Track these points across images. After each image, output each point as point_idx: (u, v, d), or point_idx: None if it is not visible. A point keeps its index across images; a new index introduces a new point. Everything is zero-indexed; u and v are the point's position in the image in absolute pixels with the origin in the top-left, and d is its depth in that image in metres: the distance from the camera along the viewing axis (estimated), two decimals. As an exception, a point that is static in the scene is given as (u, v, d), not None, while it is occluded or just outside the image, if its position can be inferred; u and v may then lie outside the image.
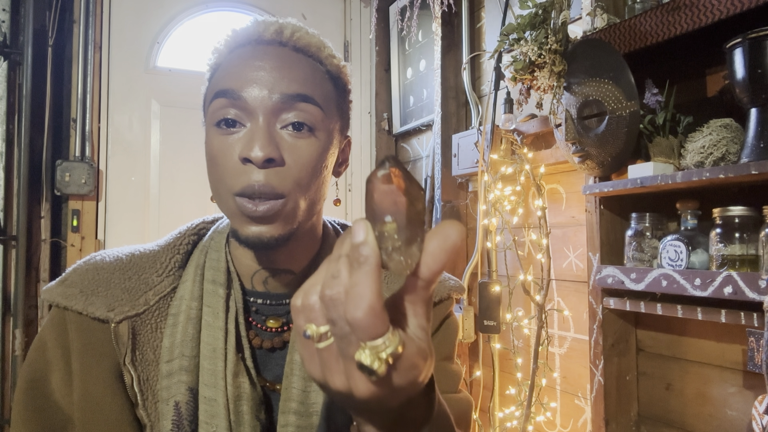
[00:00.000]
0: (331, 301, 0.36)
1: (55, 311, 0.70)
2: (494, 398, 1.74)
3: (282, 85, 0.64)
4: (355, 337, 0.35)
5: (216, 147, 0.66)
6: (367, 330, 0.34)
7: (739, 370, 1.14)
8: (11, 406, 1.97)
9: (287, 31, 0.68)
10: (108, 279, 0.70)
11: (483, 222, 1.74)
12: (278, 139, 0.64)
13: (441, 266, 0.36)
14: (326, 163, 0.69)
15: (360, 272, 0.35)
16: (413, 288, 0.37)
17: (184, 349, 0.68)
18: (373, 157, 2.60)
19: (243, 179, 0.63)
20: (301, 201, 0.66)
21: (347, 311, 0.35)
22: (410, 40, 2.40)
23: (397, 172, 0.36)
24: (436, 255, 0.36)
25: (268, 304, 0.73)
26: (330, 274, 0.37)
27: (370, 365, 0.34)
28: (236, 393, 0.67)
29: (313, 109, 0.66)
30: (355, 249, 0.35)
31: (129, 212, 2.26)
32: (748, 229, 1.00)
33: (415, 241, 0.36)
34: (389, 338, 0.35)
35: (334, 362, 0.38)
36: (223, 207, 0.68)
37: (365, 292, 0.34)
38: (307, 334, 0.38)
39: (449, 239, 0.36)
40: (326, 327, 0.37)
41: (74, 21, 2.17)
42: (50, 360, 0.68)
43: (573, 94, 1.27)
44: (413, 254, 0.36)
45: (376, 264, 0.35)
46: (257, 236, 0.64)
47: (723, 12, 1.00)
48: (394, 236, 0.36)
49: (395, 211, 0.36)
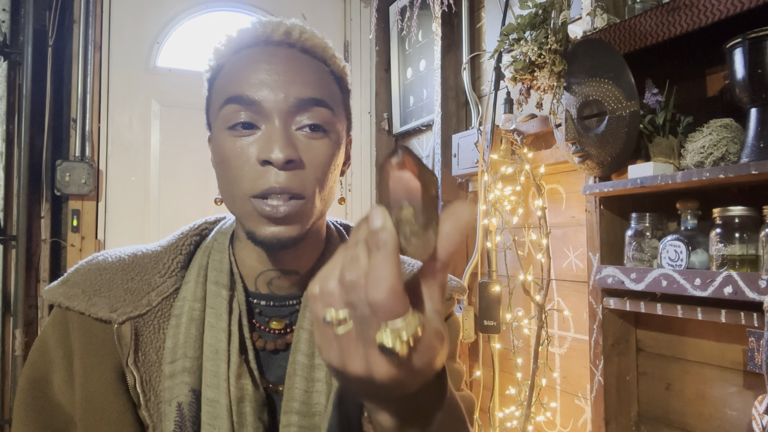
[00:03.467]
0: (351, 284, 0.36)
1: (56, 311, 0.70)
2: (494, 398, 1.74)
3: (296, 89, 0.65)
4: (375, 320, 0.36)
5: (229, 149, 0.66)
6: (389, 310, 0.35)
7: (739, 370, 1.14)
8: (11, 406, 1.97)
9: (295, 32, 0.69)
10: (110, 279, 0.70)
11: (483, 222, 1.74)
12: (295, 141, 0.65)
13: (456, 246, 0.37)
14: (338, 162, 0.70)
15: (379, 255, 0.35)
16: (431, 271, 0.38)
17: (187, 350, 0.68)
18: (373, 157, 2.60)
19: (262, 181, 0.63)
20: (318, 201, 0.67)
21: (368, 293, 0.35)
22: (410, 40, 2.40)
23: (410, 159, 0.37)
24: (450, 236, 0.37)
25: (272, 306, 0.73)
26: (348, 258, 0.37)
27: (392, 346, 0.35)
28: (239, 394, 0.67)
29: (326, 112, 0.66)
30: (374, 234, 0.36)
31: (129, 212, 2.26)
32: (748, 229, 1.00)
33: (430, 225, 0.37)
34: (409, 319, 0.36)
35: (353, 347, 0.38)
36: (236, 209, 0.68)
37: (385, 273, 0.35)
38: (326, 320, 0.38)
39: (462, 219, 0.37)
40: (345, 312, 0.38)
41: (74, 21, 2.17)
42: (52, 360, 0.68)
43: (573, 94, 1.27)
44: (430, 238, 0.37)
45: (395, 247, 0.36)
46: (276, 237, 0.64)
47: (723, 12, 1.00)
48: (411, 221, 0.37)
49: (410, 197, 0.37)
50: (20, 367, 1.98)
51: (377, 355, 0.37)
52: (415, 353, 0.37)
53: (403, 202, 0.37)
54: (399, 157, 0.37)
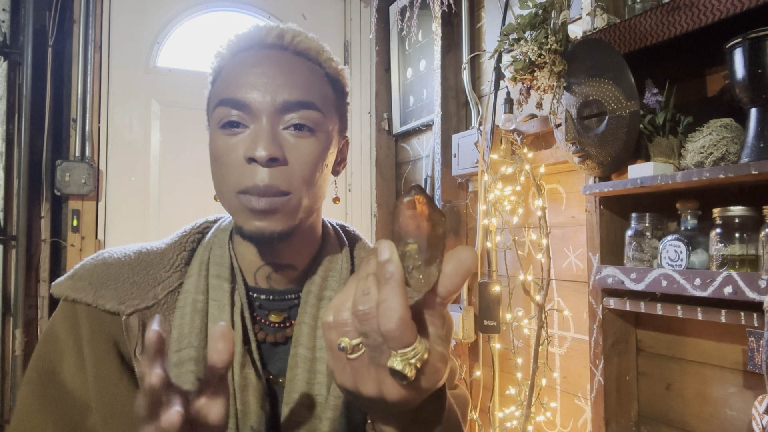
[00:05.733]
0: (364, 315, 0.40)
1: (64, 304, 0.72)
2: (494, 398, 1.74)
3: (284, 92, 0.67)
4: (386, 347, 0.39)
5: (220, 147, 0.69)
6: (399, 339, 0.38)
7: (739, 370, 1.14)
8: (11, 406, 1.97)
9: (288, 35, 0.71)
10: (117, 274, 0.73)
11: (483, 222, 1.74)
12: (281, 140, 0.67)
13: (456, 287, 0.40)
14: (326, 162, 0.72)
15: (387, 288, 0.39)
16: (431, 303, 0.41)
17: (192, 340, 0.70)
18: (373, 157, 2.60)
19: (247, 178, 0.66)
20: (304, 198, 0.69)
21: (380, 324, 0.39)
22: (410, 40, 2.40)
23: (422, 200, 0.41)
24: (451, 277, 0.40)
25: (271, 300, 0.76)
26: (360, 291, 0.41)
27: (402, 370, 0.39)
28: (243, 383, 0.69)
29: (314, 114, 0.69)
30: (381, 266, 0.39)
31: (129, 212, 2.26)
32: (748, 229, 1.00)
33: (434, 261, 0.40)
34: (417, 346, 0.39)
35: (365, 371, 0.42)
36: (226, 204, 0.70)
37: (395, 305, 0.38)
38: (341, 347, 0.41)
39: (464, 264, 0.40)
40: (358, 339, 0.41)
41: (74, 21, 2.17)
42: (63, 351, 0.70)
43: (573, 94, 1.27)
44: (432, 274, 0.40)
45: (402, 280, 0.39)
46: (260, 230, 0.67)
47: (723, 12, 1.00)
48: (414, 256, 0.40)
49: (417, 234, 0.40)
50: (20, 367, 1.98)
51: (388, 377, 0.40)
52: (422, 375, 0.40)
53: (409, 238, 0.40)
54: (411, 196, 0.40)
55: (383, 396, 0.41)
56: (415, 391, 0.41)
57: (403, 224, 0.41)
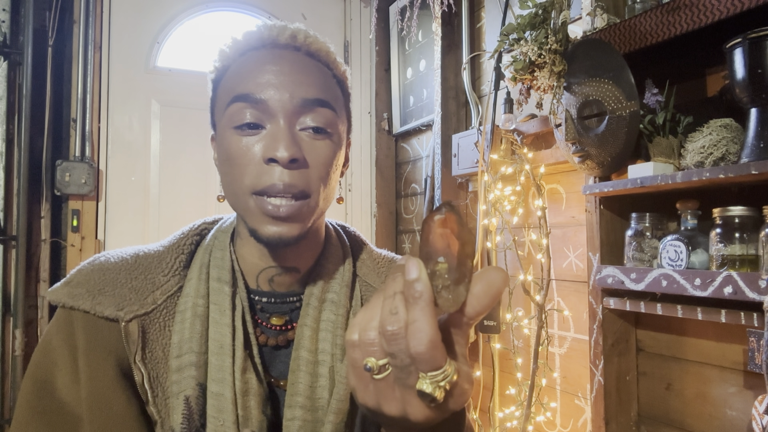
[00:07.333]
0: (392, 336, 0.38)
1: (60, 312, 0.71)
2: (494, 398, 1.74)
3: (302, 90, 0.67)
4: (414, 368, 0.38)
5: (234, 147, 0.67)
6: (429, 362, 0.38)
7: (739, 370, 1.14)
8: (11, 406, 1.97)
9: (300, 36, 0.71)
10: (114, 279, 0.71)
11: (483, 222, 1.74)
12: (299, 141, 0.67)
13: (485, 309, 0.39)
14: (338, 163, 0.72)
15: (417, 308, 0.38)
16: (458, 323, 0.40)
17: (193, 345, 0.69)
18: (373, 157, 2.60)
19: (266, 178, 0.65)
20: (320, 200, 0.69)
21: (410, 346, 0.38)
22: (410, 40, 2.40)
23: (453, 218, 0.40)
24: (480, 298, 0.39)
25: (273, 303, 0.75)
26: (388, 310, 0.39)
27: (432, 393, 0.38)
28: (244, 388, 0.68)
29: (329, 113, 0.69)
30: (410, 285, 0.38)
31: (129, 212, 2.26)
32: (748, 229, 1.00)
33: (462, 281, 0.39)
34: (447, 368, 0.38)
35: (389, 391, 0.41)
36: (238, 206, 0.69)
37: (425, 327, 0.37)
38: (368, 367, 0.40)
39: (494, 286, 0.39)
40: (385, 360, 0.40)
41: (74, 21, 2.17)
42: (56, 361, 0.69)
43: (573, 94, 1.27)
44: (460, 293, 0.39)
45: (431, 300, 0.38)
46: (278, 235, 0.66)
47: (723, 12, 1.00)
48: (444, 275, 0.39)
49: (448, 253, 0.39)
50: (20, 367, 1.98)
51: (414, 398, 0.39)
52: (450, 398, 0.40)
53: (439, 258, 0.39)
54: (442, 214, 0.40)
55: (407, 416, 0.40)
56: (440, 411, 0.40)
57: (433, 242, 0.40)
